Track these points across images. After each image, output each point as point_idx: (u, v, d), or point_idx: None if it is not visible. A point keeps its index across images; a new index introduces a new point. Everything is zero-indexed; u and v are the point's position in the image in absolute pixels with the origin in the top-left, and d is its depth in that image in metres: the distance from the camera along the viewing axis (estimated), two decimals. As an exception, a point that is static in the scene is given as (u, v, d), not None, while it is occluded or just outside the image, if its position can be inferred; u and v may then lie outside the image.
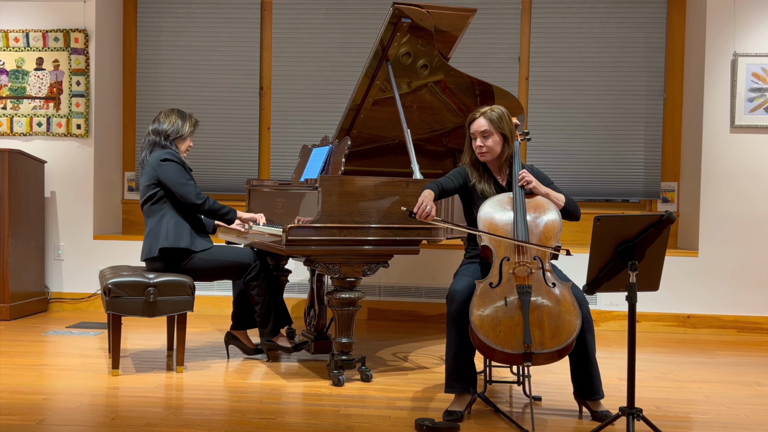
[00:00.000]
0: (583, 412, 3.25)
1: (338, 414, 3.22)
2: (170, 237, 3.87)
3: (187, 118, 4.07)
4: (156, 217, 3.93)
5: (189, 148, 4.11)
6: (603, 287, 2.79)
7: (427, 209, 3.12)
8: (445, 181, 3.35)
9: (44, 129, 5.71)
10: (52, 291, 5.76)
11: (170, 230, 3.88)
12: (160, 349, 4.41)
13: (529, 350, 2.92)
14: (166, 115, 4.04)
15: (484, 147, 3.32)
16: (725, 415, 3.33)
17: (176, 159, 3.93)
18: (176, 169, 3.90)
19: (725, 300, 5.37)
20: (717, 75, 5.37)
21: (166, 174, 3.89)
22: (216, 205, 3.98)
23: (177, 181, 3.89)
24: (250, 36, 6.00)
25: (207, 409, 3.27)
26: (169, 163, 3.90)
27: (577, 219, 3.38)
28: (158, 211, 3.93)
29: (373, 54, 4.06)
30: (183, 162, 3.96)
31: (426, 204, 3.13)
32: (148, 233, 3.95)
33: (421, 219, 3.13)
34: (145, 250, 3.95)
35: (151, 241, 3.91)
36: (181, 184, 3.89)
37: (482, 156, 3.34)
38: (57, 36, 5.68)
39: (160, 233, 3.88)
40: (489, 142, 3.31)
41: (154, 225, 3.92)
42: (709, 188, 5.39)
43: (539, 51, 5.82)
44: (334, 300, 3.67)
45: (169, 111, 4.07)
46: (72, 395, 3.43)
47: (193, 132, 4.11)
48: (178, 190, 3.89)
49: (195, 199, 3.90)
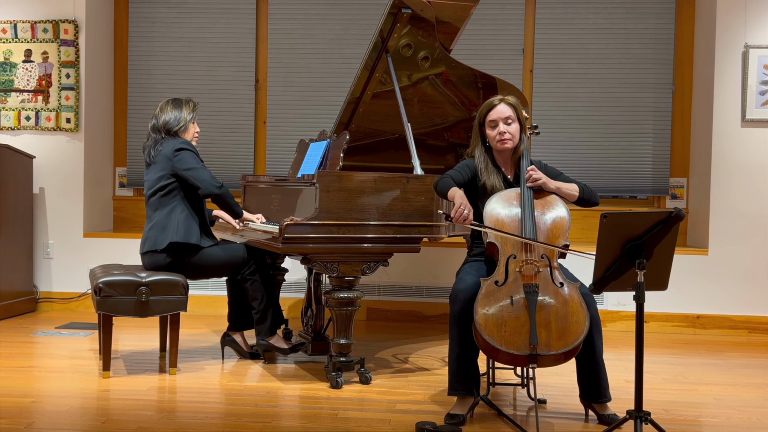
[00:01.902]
0: (589, 416, 3.25)
1: (336, 418, 3.21)
2: (180, 231, 3.86)
3: (184, 105, 4.05)
4: (165, 210, 3.92)
5: (197, 134, 4.10)
6: (610, 286, 2.79)
7: (464, 212, 3.05)
8: (456, 175, 3.31)
9: (33, 123, 5.70)
10: (41, 290, 5.76)
11: (180, 224, 3.87)
12: (152, 350, 4.41)
13: (535, 352, 2.92)
14: (161, 110, 4.03)
15: (508, 133, 3.27)
16: (736, 419, 3.32)
17: (190, 147, 3.94)
18: (191, 156, 3.92)
19: (736, 300, 5.36)
20: (727, 67, 5.36)
21: (182, 162, 3.88)
22: (231, 196, 4.00)
23: (193, 167, 3.89)
24: (245, 27, 5.99)
25: (201, 412, 3.26)
26: (184, 152, 3.90)
27: (597, 204, 3.34)
28: (168, 203, 3.92)
29: (373, 45, 4.05)
30: (196, 152, 3.97)
31: (464, 207, 3.06)
32: (153, 225, 3.92)
33: (458, 223, 3.06)
34: (148, 242, 3.92)
35: (158, 233, 3.89)
36: (198, 170, 3.89)
37: (504, 144, 3.29)
38: (46, 27, 5.67)
39: (168, 226, 3.87)
40: (512, 129, 3.28)
41: (161, 217, 3.91)
42: (719, 184, 5.39)
43: (544, 42, 5.81)
44: (332, 300, 3.67)
45: (163, 104, 4.05)
46: (61, 398, 3.42)
47: (195, 116, 4.08)
48: (197, 175, 3.88)
49: (214, 183, 3.91)
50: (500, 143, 3.30)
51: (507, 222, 3.15)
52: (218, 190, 3.92)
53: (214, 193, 3.91)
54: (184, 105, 4.05)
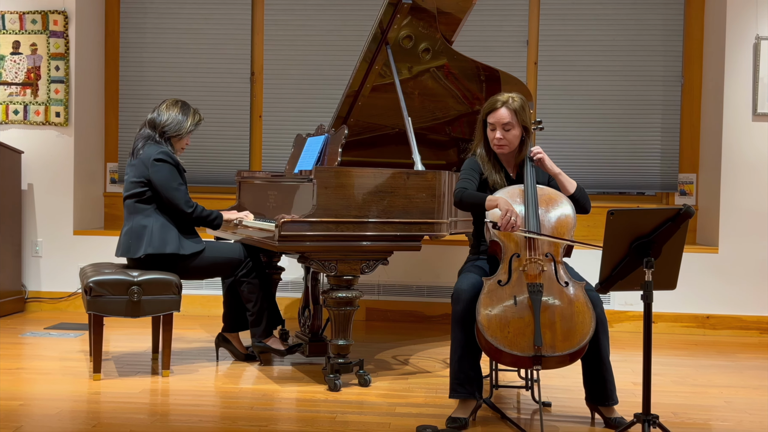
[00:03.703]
0: (595, 419, 3.25)
1: (335, 421, 3.21)
2: (155, 242, 3.85)
3: (190, 115, 4.00)
4: (139, 217, 3.90)
5: (185, 146, 4.07)
6: (617, 286, 2.79)
7: (512, 219, 3.02)
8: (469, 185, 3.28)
9: (21, 117, 5.69)
10: (30, 290, 5.75)
11: (155, 234, 3.86)
12: (144, 351, 4.41)
13: (540, 353, 2.92)
14: (167, 107, 3.97)
15: (504, 140, 3.29)
16: (747, 423, 3.32)
17: (171, 160, 3.89)
18: (169, 171, 3.87)
19: (747, 299, 5.36)
20: (738, 59, 5.35)
21: (157, 175, 3.86)
22: (204, 212, 3.97)
23: (168, 185, 3.86)
24: (240, 17, 5.98)
25: (194, 415, 3.26)
26: (163, 164, 3.86)
27: (587, 211, 3.36)
28: (142, 211, 3.91)
29: (372, 37, 4.04)
30: (178, 163, 3.93)
31: (511, 213, 3.03)
32: (128, 230, 3.92)
33: (506, 230, 3.04)
34: (122, 248, 3.93)
35: (132, 240, 3.89)
36: (172, 189, 3.87)
37: (500, 149, 3.32)
38: (35, 18, 5.66)
39: (143, 235, 3.86)
40: (509, 135, 3.29)
41: (135, 224, 3.90)
42: (729, 180, 5.38)
43: (549, 33, 5.80)
44: (330, 299, 3.67)
45: (172, 103, 3.99)
46: (51, 401, 3.42)
47: (194, 130, 4.03)
48: (168, 194, 3.86)
49: (184, 207, 3.89)
50: (496, 148, 3.32)
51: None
52: (188, 212, 3.89)
53: (183, 212, 3.89)
54: (191, 114, 4.01)
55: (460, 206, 3.29)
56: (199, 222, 3.99)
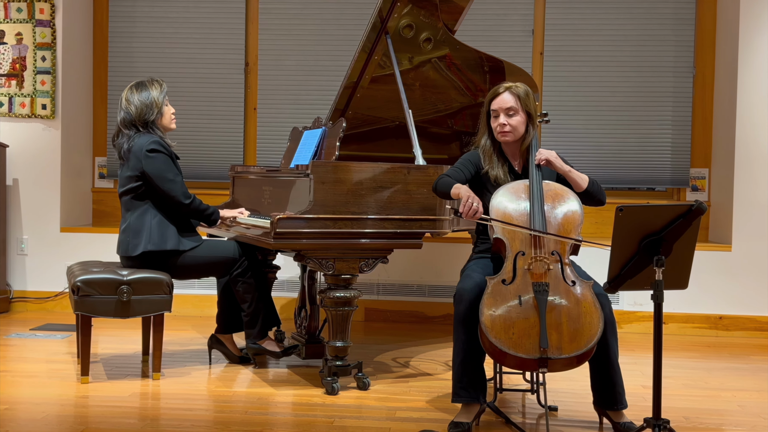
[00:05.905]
0: (603, 424, 3.25)
1: (332, 426, 3.21)
2: (154, 238, 3.85)
3: (150, 85, 3.98)
4: (136, 213, 3.91)
5: (173, 115, 4.06)
6: (626, 285, 2.79)
7: (474, 206, 3.06)
8: (455, 173, 3.30)
9: (6, 109, 5.69)
10: (15, 289, 5.76)
11: (154, 230, 3.86)
12: (134, 353, 4.41)
13: (546, 355, 2.92)
14: (127, 99, 3.95)
15: (508, 126, 3.28)
16: (761, 427, 3.33)
17: (164, 150, 3.88)
18: (163, 161, 3.87)
19: (761, 299, 5.36)
20: (752, 49, 5.35)
21: (151, 167, 3.85)
22: (202, 206, 3.97)
23: (163, 176, 3.86)
24: (234, 5, 5.98)
25: (186, 420, 3.26)
26: (156, 155, 3.86)
27: (602, 203, 3.36)
28: (139, 206, 3.91)
29: (371, 26, 4.04)
30: (171, 153, 3.93)
31: (472, 200, 3.07)
32: (126, 228, 3.92)
33: (469, 218, 3.07)
34: (122, 247, 3.94)
35: (130, 238, 3.89)
36: (168, 180, 3.86)
37: (504, 136, 3.31)
38: (20, 6, 5.65)
39: (141, 232, 3.87)
40: (513, 121, 3.28)
41: (133, 220, 3.90)
42: (743, 175, 5.38)
43: (555, 23, 5.80)
44: (327, 299, 3.67)
45: (127, 92, 3.96)
46: (37, 405, 3.42)
47: (166, 97, 4.01)
48: (164, 185, 3.86)
49: (182, 198, 3.89)
50: (500, 135, 3.31)
51: (515, 216, 3.15)
52: (186, 203, 3.89)
53: (181, 204, 3.89)
54: (150, 86, 3.99)
55: (436, 193, 3.34)
56: (195, 215, 3.98)
